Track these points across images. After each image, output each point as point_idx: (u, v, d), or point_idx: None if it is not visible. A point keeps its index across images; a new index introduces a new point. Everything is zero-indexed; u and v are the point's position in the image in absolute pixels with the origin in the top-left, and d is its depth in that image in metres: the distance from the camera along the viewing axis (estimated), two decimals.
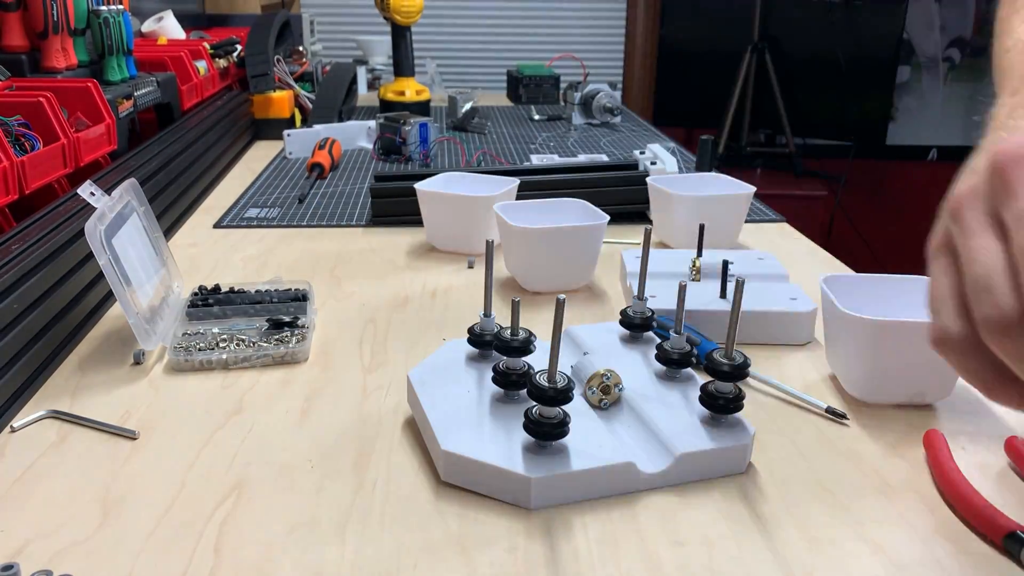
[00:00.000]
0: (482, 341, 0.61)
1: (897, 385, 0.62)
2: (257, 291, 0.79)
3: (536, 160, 1.39)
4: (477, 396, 0.57)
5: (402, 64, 1.73)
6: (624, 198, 1.06)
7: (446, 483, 0.53)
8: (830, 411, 0.61)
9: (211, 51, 1.50)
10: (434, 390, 0.58)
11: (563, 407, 0.51)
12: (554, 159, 1.40)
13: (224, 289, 0.80)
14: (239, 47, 1.60)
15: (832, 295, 0.62)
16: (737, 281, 0.53)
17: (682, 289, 0.59)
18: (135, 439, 0.58)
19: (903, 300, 0.65)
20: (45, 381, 0.66)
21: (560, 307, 0.48)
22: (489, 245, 0.59)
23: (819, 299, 0.66)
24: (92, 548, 0.47)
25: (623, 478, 0.52)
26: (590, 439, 0.53)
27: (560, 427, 0.51)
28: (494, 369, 0.56)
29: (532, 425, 0.51)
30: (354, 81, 1.84)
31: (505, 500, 0.51)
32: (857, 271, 0.92)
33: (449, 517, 0.50)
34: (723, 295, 0.75)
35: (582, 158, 1.42)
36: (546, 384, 0.50)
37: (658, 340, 0.63)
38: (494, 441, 0.53)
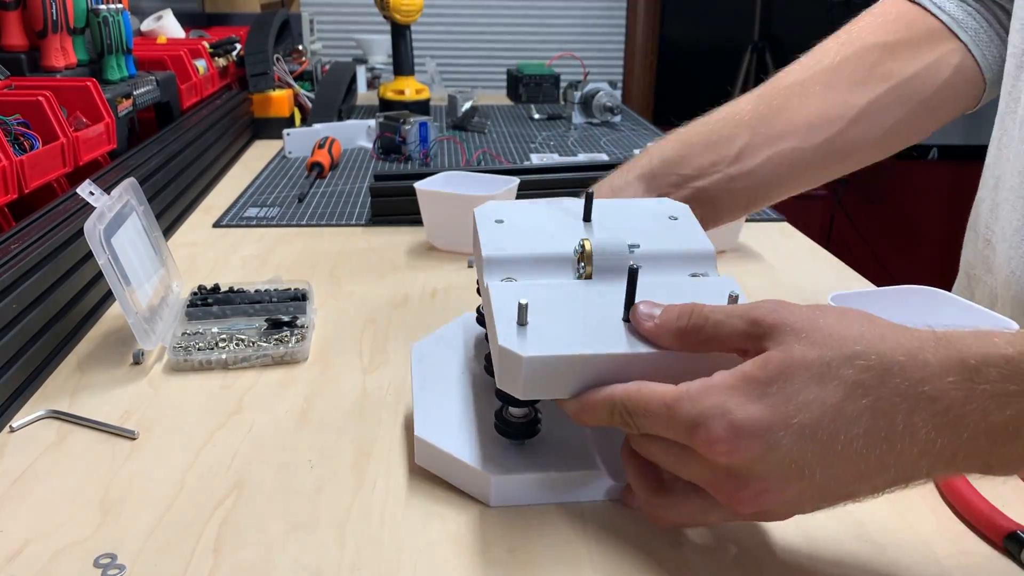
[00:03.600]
0: None
1: None
2: (256, 291, 0.79)
3: (536, 159, 1.39)
4: (469, 380, 0.57)
5: (402, 63, 1.73)
6: None
7: (446, 483, 0.53)
8: None
9: (210, 50, 1.50)
10: (429, 369, 0.58)
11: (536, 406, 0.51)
12: (554, 158, 1.40)
13: (223, 289, 0.79)
14: (238, 46, 1.60)
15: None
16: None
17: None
18: (135, 439, 0.57)
19: (911, 314, 0.64)
20: (44, 381, 0.66)
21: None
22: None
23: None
24: (92, 548, 0.47)
25: (589, 487, 0.51)
26: (567, 441, 0.52)
27: (530, 426, 0.51)
28: (486, 358, 0.56)
29: (501, 424, 0.51)
30: (354, 80, 1.83)
31: (469, 494, 0.51)
32: (857, 271, 0.92)
33: (449, 518, 0.50)
34: (627, 318, 0.47)
35: (582, 157, 1.41)
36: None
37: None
38: (467, 432, 0.52)
